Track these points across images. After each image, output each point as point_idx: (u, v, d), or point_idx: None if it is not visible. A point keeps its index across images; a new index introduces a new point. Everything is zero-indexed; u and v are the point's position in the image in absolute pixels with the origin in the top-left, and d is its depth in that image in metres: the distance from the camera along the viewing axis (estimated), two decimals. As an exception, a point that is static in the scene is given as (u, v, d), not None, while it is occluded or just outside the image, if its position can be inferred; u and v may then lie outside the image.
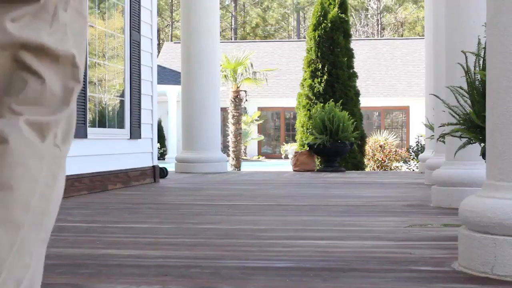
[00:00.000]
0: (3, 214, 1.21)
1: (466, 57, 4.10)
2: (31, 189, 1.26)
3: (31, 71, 1.22)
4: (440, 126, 4.97)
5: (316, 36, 15.67)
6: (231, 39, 48.02)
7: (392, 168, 19.03)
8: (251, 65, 23.06)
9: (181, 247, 3.72)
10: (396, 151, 19.79)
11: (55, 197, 1.39)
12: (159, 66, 22.25)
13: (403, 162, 18.79)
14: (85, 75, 7.41)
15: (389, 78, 30.27)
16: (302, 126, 15.14)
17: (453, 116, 4.28)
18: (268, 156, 29.67)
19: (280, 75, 30.62)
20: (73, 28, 1.35)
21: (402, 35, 48.01)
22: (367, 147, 17.80)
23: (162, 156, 24.16)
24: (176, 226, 4.63)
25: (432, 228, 4.38)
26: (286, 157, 25.66)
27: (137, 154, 8.51)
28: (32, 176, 1.26)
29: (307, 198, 6.71)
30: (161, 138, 24.83)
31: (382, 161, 19.20)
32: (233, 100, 21.60)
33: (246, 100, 23.11)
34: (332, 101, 13.69)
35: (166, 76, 24.93)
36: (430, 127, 9.59)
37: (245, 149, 28.02)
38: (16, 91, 1.21)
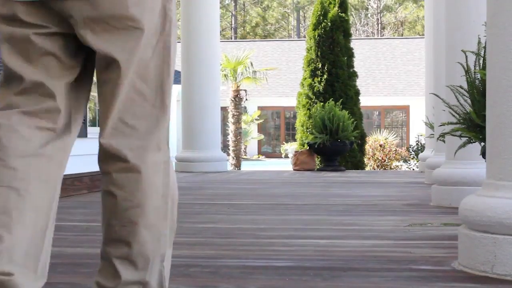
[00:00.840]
0: (155, 220, 1.84)
1: (466, 56, 4.10)
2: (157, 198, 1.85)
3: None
4: (440, 125, 4.97)
5: (316, 35, 15.67)
6: (231, 38, 48.02)
7: (392, 167, 19.03)
8: (251, 64, 23.07)
9: (181, 246, 3.72)
10: (396, 150, 19.80)
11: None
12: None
13: (403, 162, 18.79)
14: (85, 74, 7.41)
15: (389, 77, 30.27)
16: (302, 126, 15.14)
17: (453, 115, 4.28)
18: (268, 155, 29.68)
19: (280, 74, 30.62)
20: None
21: (402, 35, 48.01)
22: (367, 147, 17.79)
23: (162, 155, 24.14)
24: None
25: (432, 227, 4.39)
26: (286, 157, 25.65)
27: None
28: (157, 189, 1.85)
29: (307, 197, 6.71)
30: (161, 137, 24.81)
31: (382, 161, 19.20)
32: (233, 99, 21.60)
33: (246, 99, 23.14)
34: (332, 100, 13.68)
35: None
36: (430, 126, 9.59)
37: (245, 148, 28.02)
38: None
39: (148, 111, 1.84)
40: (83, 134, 7.33)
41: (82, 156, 7.14)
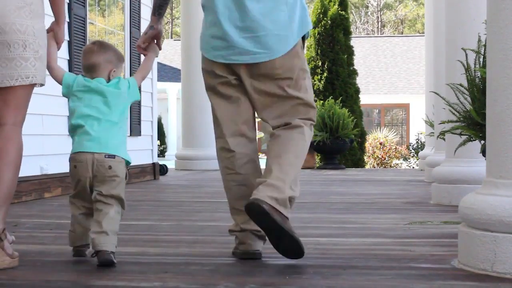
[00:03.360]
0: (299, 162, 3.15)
1: (466, 55, 4.10)
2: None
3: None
4: (440, 124, 4.97)
5: (316, 34, 15.67)
6: (231, 36, 47.92)
7: (392, 165, 19.03)
8: (251, 62, 23.01)
9: (181, 244, 3.72)
10: (396, 148, 19.80)
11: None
12: (159, 63, 22.24)
13: (403, 160, 18.79)
14: (85, 72, 7.41)
15: (389, 76, 30.26)
16: (302, 124, 15.14)
17: (453, 114, 4.28)
18: (268, 153, 29.61)
19: (280, 72, 30.56)
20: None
21: (402, 33, 47.99)
22: (367, 145, 17.80)
23: (162, 153, 24.15)
24: (176, 223, 4.63)
25: (432, 226, 4.38)
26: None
27: (137, 151, 8.50)
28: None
29: (307, 196, 6.71)
30: (161, 135, 24.82)
31: (382, 159, 19.20)
32: (233, 97, 21.56)
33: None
34: (332, 98, 13.68)
35: (166, 73, 24.92)
36: (430, 124, 9.58)
37: (245, 146, 27.96)
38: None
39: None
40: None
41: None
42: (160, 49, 3.35)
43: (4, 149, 2.96)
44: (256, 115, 3.30)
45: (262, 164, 3.69)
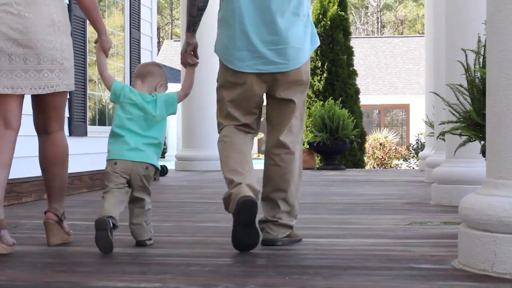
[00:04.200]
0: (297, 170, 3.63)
1: (466, 55, 4.10)
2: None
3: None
4: (440, 124, 4.97)
5: (316, 34, 15.67)
6: (231, 37, 47.93)
7: (392, 166, 19.03)
8: (251, 63, 23.00)
9: (181, 245, 3.72)
10: (396, 149, 19.80)
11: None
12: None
13: (403, 160, 18.79)
14: (84, 73, 7.41)
15: (389, 76, 30.26)
16: (302, 124, 15.14)
17: (453, 114, 4.28)
18: (268, 154, 29.62)
19: (280, 73, 30.58)
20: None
21: (402, 33, 48.00)
22: (367, 145, 17.80)
23: (162, 154, 24.17)
24: (176, 224, 4.63)
25: (432, 226, 4.39)
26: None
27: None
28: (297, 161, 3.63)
29: (306, 196, 6.71)
30: (161, 136, 24.81)
31: (382, 159, 19.20)
32: (233, 98, 21.55)
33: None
34: (332, 99, 13.68)
35: (166, 74, 24.93)
36: (430, 125, 9.59)
37: (245, 147, 27.98)
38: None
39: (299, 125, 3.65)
40: (83, 133, 7.33)
41: (82, 155, 7.14)
42: (197, 59, 3.73)
43: (54, 153, 3.68)
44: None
45: (261, 165, 3.70)
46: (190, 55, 3.67)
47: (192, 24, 3.66)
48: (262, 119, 3.74)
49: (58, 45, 3.50)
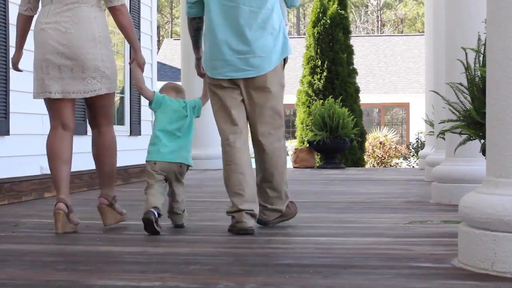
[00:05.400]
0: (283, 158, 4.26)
1: (466, 54, 4.10)
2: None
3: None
4: (440, 123, 4.97)
5: (316, 33, 15.66)
6: (231, 36, 47.88)
7: (392, 164, 19.03)
8: (251, 61, 22.97)
9: (181, 243, 3.72)
10: (396, 147, 19.79)
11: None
12: (159, 63, 22.22)
13: (403, 159, 18.79)
14: (84, 72, 7.41)
15: (389, 75, 30.25)
16: (302, 123, 15.12)
17: (453, 113, 4.28)
18: (268, 152, 29.58)
19: (280, 71, 30.54)
20: None
21: (402, 32, 47.98)
22: (367, 144, 17.79)
23: (162, 153, 24.14)
24: (176, 223, 4.62)
25: (432, 225, 4.39)
26: (286, 154, 25.66)
27: (137, 151, 8.49)
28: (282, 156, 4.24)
29: (307, 195, 6.71)
30: (161, 135, 24.79)
31: (382, 158, 19.20)
32: (233, 96, 21.53)
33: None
34: (332, 97, 13.67)
35: (166, 73, 24.91)
36: (430, 123, 9.58)
37: (245, 145, 27.96)
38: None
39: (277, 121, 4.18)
40: (83, 132, 7.32)
41: (82, 154, 7.13)
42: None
43: (103, 144, 4.38)
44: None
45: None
46: (202, 67, 4.32)
47: (194, 42, 4.34)
48: None
49: (99, 56, 4.17)
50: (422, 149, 13.51)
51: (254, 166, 4.21)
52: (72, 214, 4.15)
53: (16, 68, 4.52)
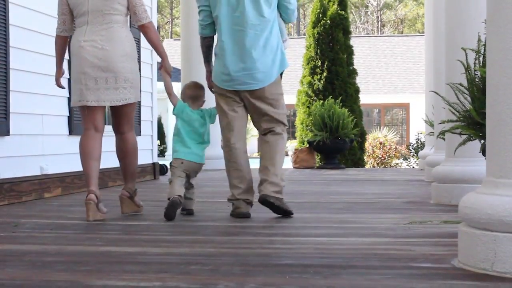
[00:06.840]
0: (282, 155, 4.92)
1: (466, 54, 4.10)
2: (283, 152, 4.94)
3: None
4: (440, 123, 4.97)
5: (316, 33, 15.66)
6: (231, 36, 47.88)
7: (392, 165, 19.03)
8: (251, 62, 22.96)
9: (181, 244, 3.72)
10: (396, 148, 19.79)
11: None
12: (158, 63, 22.25)
13: (403, 159, 18.79)
14: (84, 72, 7.41)
15: (389, 75, 30.26)
16: (302, 123, 15.13)
17: (453, 113, 4.28)
18: (268, 153, 29.58)
19: (280, 72, 30.53)
20: None
21: (402, 32, 48.00)
22: (367, 144, 17.79)
23: (162, 153, 24.15)
24: (176, 223, 4.63)
25: (432, 225, 4.39)
26: (286, 154, 25.66)
27: (137, 151, 8.50)
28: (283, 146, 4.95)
29: (306, 195, 6.71)
30: (161, 135, 24.83)
31: (382, 158, 19.20)
32: (233, 97, 21.52)
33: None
34: (332, 98, 13.67)
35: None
36: (430, 124, 9.58)
37: (245, 146, 27.97)
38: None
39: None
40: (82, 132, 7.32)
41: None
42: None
43: (126, 148, 5.03)
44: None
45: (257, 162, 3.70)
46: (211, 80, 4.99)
47: (206, 57, 5.05)
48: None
49: (129, 69, 4.81)
50: (422, 150, 13.51)
51: (253, 166, 4.27)
52: (100, 204, 4.71)
53: (59, 85, 5.01)
